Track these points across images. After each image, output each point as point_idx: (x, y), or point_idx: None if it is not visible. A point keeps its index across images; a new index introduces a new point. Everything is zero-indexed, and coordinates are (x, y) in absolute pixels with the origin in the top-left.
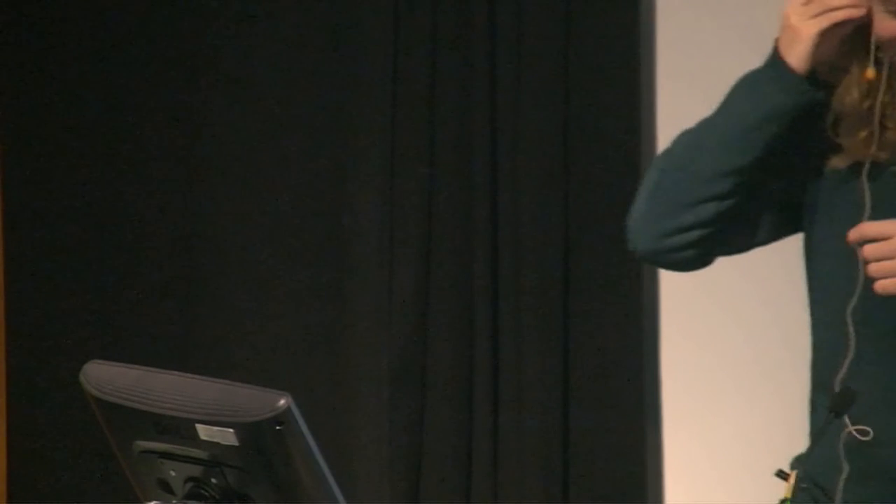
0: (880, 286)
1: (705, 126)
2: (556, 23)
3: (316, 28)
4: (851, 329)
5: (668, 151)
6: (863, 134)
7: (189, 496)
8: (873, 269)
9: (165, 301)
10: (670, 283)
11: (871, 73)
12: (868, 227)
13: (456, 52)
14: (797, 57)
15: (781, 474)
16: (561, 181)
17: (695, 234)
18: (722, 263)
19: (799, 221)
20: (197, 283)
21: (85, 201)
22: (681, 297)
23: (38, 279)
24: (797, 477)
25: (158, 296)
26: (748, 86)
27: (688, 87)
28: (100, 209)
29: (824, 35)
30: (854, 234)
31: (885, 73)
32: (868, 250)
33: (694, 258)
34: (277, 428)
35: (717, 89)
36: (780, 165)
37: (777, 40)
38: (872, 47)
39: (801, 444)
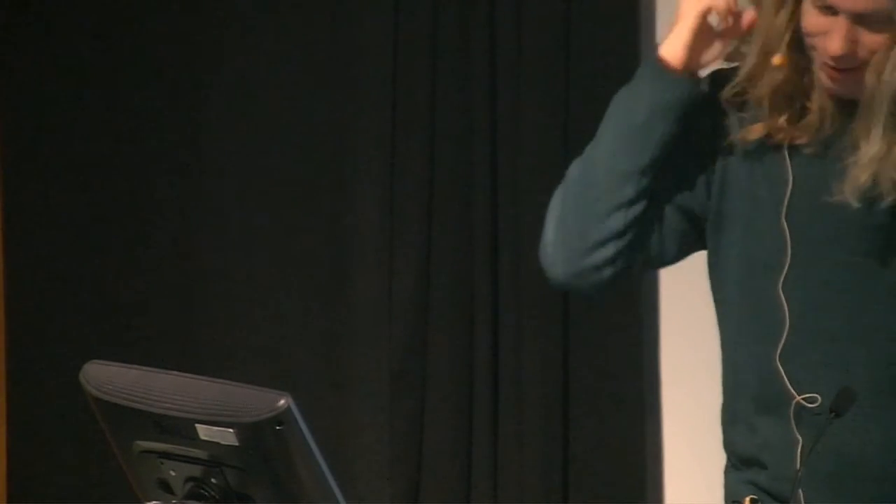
0: None
1: (595, 142)
2: (556, 23)
3: (316, 30)
4: (784, 303)
5: (565, 178)
6: (783, 117)
7: (189, 496)
8: None
9: (165, 301)
10: (670, 283)
11: (778, 59)
12: None
13: (456, 54)
14: (672, 50)
15: None
16: (561, 181)
17: (610, 248)
18: None
19: (702, 231)
20: (197, 284)
21: (85, 201)
22: (681, 297)
23: (38, 279)
24: (751, 501)
25: (158, 296)
26: (627, 90)
27: None
28: (100, 209)
29: (701, 31)
30: None
31: (810, 57)
32: None
33: (612, 277)
34: (277, 428)
35: None
36: (677, 167)
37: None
38: (786, 36)
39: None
